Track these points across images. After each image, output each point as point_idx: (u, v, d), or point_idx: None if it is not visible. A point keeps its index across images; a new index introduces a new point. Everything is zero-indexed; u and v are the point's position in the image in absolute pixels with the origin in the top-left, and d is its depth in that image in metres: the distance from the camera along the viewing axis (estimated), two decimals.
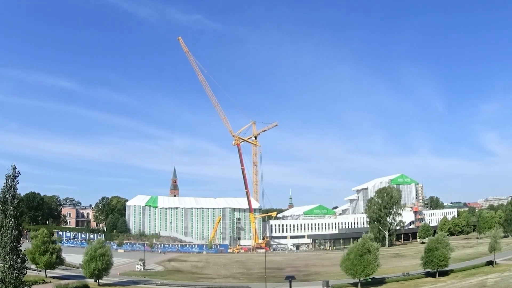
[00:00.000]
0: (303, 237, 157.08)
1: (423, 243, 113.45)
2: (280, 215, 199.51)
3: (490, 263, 66.50)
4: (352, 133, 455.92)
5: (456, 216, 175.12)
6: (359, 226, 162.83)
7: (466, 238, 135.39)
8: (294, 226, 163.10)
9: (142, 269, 79.34)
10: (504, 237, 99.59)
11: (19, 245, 35.07)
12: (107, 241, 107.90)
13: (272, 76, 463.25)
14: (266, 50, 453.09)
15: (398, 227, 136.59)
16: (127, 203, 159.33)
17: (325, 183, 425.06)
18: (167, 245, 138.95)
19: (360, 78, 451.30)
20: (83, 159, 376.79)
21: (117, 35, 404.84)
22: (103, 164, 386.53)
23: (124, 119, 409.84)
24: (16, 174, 34.19)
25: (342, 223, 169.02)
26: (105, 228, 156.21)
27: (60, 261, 65.34)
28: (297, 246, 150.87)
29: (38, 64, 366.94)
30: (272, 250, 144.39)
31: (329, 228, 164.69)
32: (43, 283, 53.77)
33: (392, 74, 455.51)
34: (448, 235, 73.85)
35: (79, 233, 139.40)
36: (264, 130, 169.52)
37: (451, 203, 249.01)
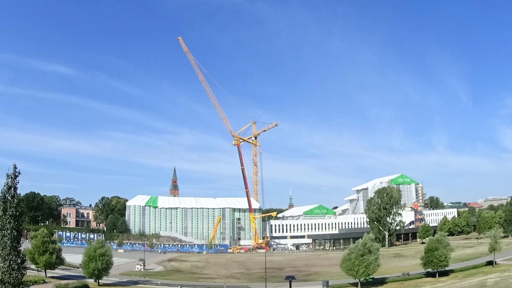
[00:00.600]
0: (303, 237, 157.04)
1: (423, 243, 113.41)
2: (280, 215, 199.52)
3: (490, 263, 66.48)
4: (371, 129, 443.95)
5: (456, 216, 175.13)
6: (359, 226, 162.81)
7: (467, 238, 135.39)
8: (294, 226, 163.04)
9: (142, 269, 79.30)
10: (504, 237, 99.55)
11: (19, 245, 34.99)
12: (107, 241, 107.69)
13: (293, 63, 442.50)
14: (289, 30, 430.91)
15: (398, 227, 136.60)
16: (127, 203, 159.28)
17: (337, 181, 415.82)
18: (167, 245, 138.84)
19: (385, 68, 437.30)
20: (84, 156, 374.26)
21: (120, 14, 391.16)
22: (105, 161, 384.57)
23: (127, 110, 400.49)
24: (16, 174, 34.08)
25: (342, 223, 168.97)
26: (105, 228, 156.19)
27: (60, 261, 65.24)
28: (297, 246, 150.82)
29: (33, 48, 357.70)
30: (272, 250, 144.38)
31: (329, 228, 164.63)
32: (43, 283, 53.71)
33: (418, 64, 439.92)
34: (448, 235, 73.77)
35: (79, 233, 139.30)
36: (264, 130, 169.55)
37: (451, 203, 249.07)
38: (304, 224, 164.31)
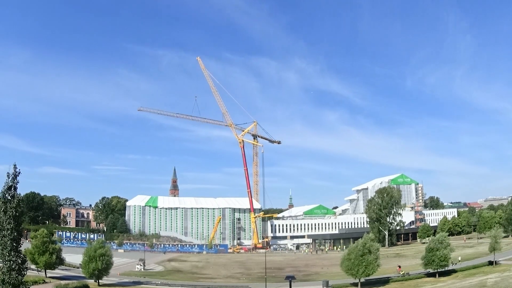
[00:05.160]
0: (303, 237, 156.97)
1: (423, 243, 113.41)
2: (280, 215, 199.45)
3: (490, 263, 66.48)
4: None
5: (456, 216, 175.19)
6: (359, 226, 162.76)
7: (469, 238, 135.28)
8: (294, 226, 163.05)
9: (142, 269, 79.26)
10: (505, 237, 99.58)
11: (19, 246, 34.97)
12: (107, 241, 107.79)
13: None
14: None
15: (398, 227, 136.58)
16: (127, 203, 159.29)
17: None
18: (167, 245, 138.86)
19: None
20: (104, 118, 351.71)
21: None
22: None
23: None
24: (16, 174, 34.02)
25: (342, 223, 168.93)
26: (105, 228, 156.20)
27: (60, 261, 65.22)
28: (297, 246, 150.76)
29: None
30: (272, 250, 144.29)
31: (329, 228, 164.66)
32: (43, 283, 53.69)
33: None
34: (448, 235, 73.76)
35: (79, 233, 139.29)
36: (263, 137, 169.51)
37: (451, 203, 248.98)
38: (304, 224, 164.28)
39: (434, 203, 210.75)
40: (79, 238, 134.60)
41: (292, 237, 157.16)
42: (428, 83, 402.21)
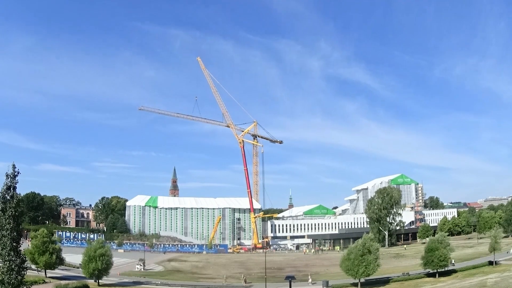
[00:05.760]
0: (303, 237, 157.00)
1: (423, 243, 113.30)
2: (280, 215, 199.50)
3: (490, 263, 66.48)
4: None
5: (456, 216, 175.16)
6: (359, 226, 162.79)
7: (469, 238, 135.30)
8: (294, 226, 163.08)
9: (142, 269, 79.24)
10: (505, 237, 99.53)
11: (18, 246, 34.97)
12: (107, 241, 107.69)
13: None
14: None
15: (398, 227, 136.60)
16: (127, 203, 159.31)
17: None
18: (167, 245, 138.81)
19: None
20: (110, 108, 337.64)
21: None
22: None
23: None
24: (15, 173, 33.97)
25: (342, 223, 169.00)
26: (105, 228, 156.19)
27: (60, 261, 65.23)
28: (297, 246, 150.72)
29: None
30: (272, 250, 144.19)
31: (329, 228, 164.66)
32: (43, 283, 53.65)
33: None
34: (448, 235, 73.78)
35: (79, 233, 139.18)
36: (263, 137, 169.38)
37: (451, 203, 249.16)
38: (304, 224, 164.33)
39: (434, 203, 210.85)
40: (79, 238, 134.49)
41: (292, 237, 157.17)
42: (455, 73, 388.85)
